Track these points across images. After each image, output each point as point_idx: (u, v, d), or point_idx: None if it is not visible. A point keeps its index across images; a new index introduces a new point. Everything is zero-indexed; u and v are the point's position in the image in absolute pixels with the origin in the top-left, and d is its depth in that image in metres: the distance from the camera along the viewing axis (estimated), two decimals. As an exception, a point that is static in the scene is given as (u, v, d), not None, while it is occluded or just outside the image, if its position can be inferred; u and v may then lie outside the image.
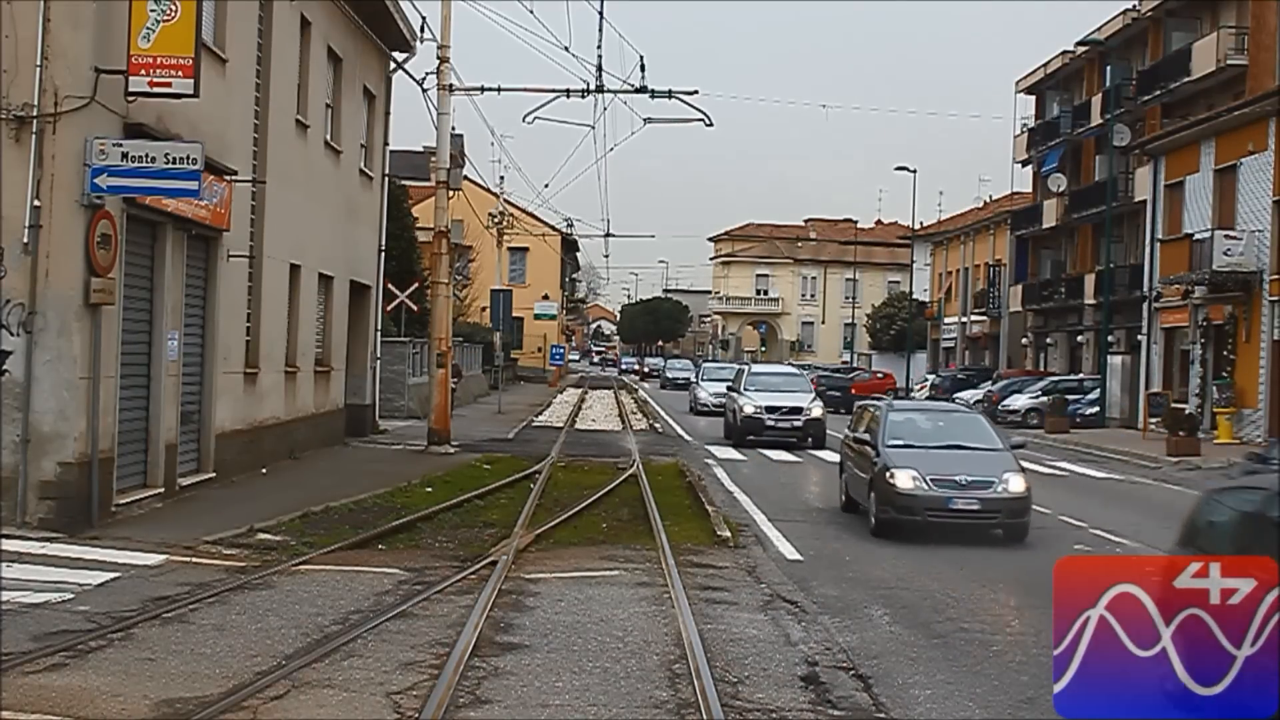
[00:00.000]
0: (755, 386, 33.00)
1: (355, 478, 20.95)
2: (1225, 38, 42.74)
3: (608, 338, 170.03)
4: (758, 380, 33.67)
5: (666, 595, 12.23)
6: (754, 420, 31.85)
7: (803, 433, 31.60)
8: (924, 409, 21.39)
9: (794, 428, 31.59)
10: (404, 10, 27.98)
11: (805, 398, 32.75)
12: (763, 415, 31.70)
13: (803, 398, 32.64)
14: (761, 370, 36.51)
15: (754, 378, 34.01)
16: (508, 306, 49.28)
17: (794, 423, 31.58)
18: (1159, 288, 42.63)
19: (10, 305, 13.89)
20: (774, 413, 31.66)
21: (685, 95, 29.28)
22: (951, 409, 22.39)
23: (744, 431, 31.94)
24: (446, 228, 29.16)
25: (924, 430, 18.16)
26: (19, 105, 13.91)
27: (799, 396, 32.62)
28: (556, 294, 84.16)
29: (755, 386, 33.00)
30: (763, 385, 33.08)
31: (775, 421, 31.55)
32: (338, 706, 8.33)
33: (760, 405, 31.83)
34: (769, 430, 31.50)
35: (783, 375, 35.47)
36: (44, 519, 14.02)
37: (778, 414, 31.61)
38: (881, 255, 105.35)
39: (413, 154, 50.22)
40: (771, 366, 41.91)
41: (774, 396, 32.17)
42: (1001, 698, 9.31)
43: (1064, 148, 56.84)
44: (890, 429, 17.88)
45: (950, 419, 19.20)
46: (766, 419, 31.67)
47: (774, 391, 32.54)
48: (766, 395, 32.24)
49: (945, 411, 20.96)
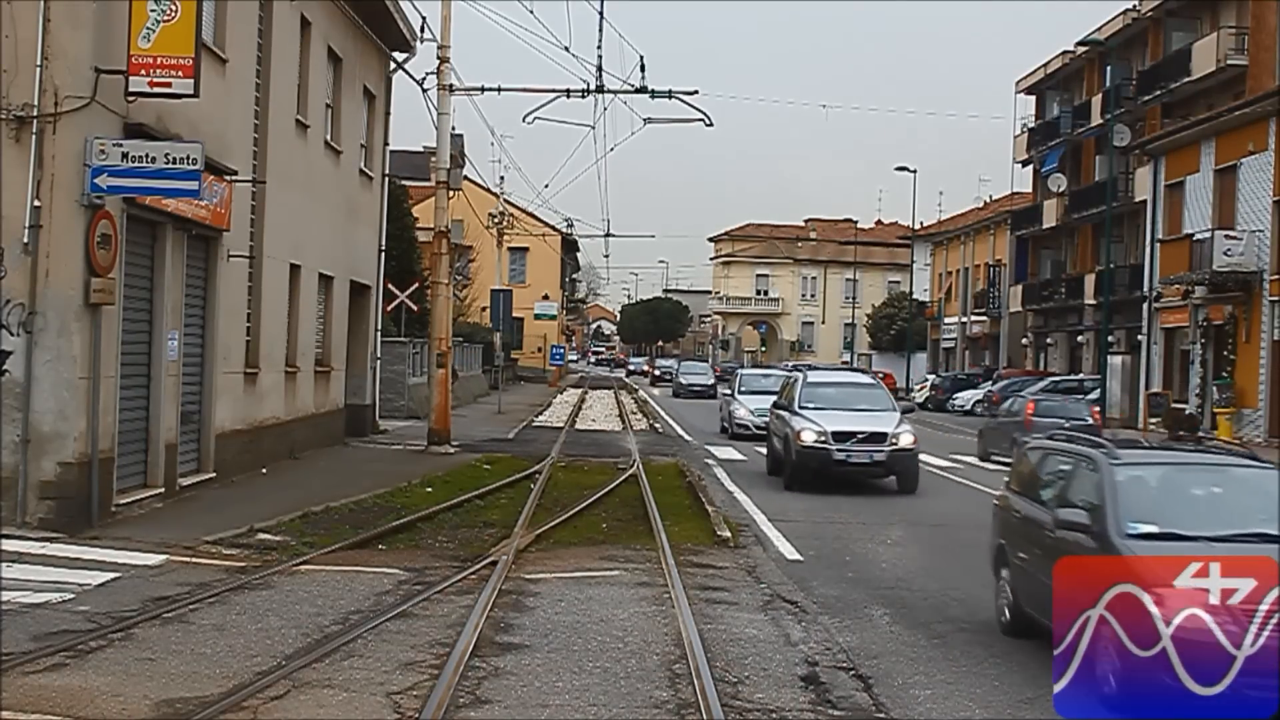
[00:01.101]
0: (815, 402, 23.68)
1: (355, 478, 20.95)
2: (1225, 38, 42.76)
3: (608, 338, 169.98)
4: (819, 393, 24.28)
5: (666, 595, 12.22)
6: (816, 452, 22.16)
7: (886, 469, 22.58)
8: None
9: (875, 463, 22.36)
10: (404, 10, 27.99)
11: (888, 418, 23.00)
12: (829, 445, 22.10)
13: (885, 418, 22.96)
14: (823, 379, 26.39)
15: (813, 389, 24.43)
16: (508, 306, 49.29)
17: (874, 456, 22.18)
18: (1159, 288, 42.64)
19: (10, 305, 13.89)
20: (845, 441, 22.15)
21: (685, 95, 29.31)
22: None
23: (802, 468, 22.36)
24: (446, 228, 29.16)
25: None
26: (19, 105, 13.91)
27: (880, 417, 23.04)
28: (556, 294, 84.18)
29: (815, 402, 23.68)
30: (826, 400, 23.87)
31: (847, 454, 22.09)
32: (338, 706, 8.33)
33: (825, 430, 22.23)
34: (838, 466, 22.16)
35: (854, 386, 25.71)
36: (44, 519, 14.02)
37: (851, 443, 22.16)
38: (881, 255, 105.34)
39: (413, 154, 50.25)
40: (837, 374, 31.96)
41: (844, 417, 22.84)
42: (1001, 698, 9.30)
43: (1064, 148, 56.85)
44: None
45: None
46: (835, 450, 22.08)
47: (843, 409, 23.33)
48: (833, 415, 22.86)
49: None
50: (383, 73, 29.68)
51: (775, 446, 24.88)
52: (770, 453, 25.53)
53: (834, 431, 22.25)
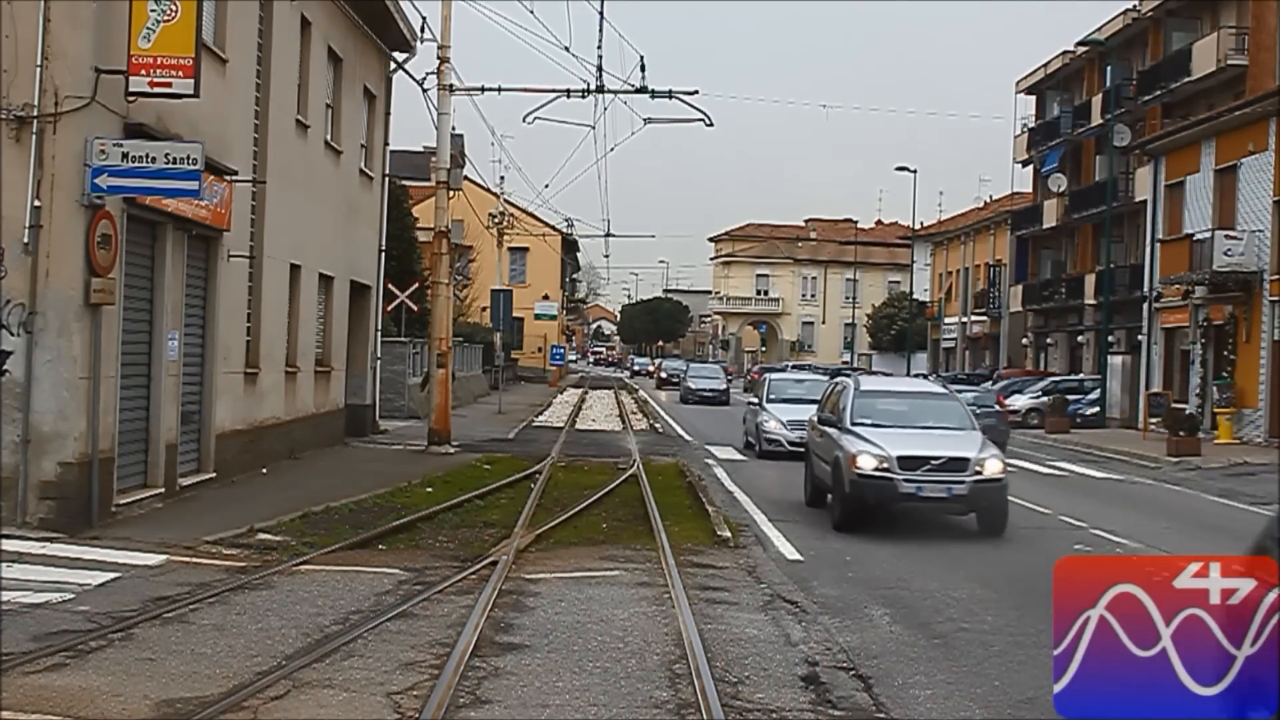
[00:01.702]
0: (872, 417, 18.27)
1: (355, 478, 20.95)
2: (1225, 38, 42.77)
3: (608, 338, 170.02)
4: (876, 405, 18.75)
5: (667, 595, 12.22)
6: (876, 483, 16.95)
7: (968, 505, 17.27)
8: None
9: (954, 498, 17.05)
10: (404, 10, 27.99)
11: (969, 440, 17.72)
12: (893, 474, 16.87)
13: (964, 440, 17.70)
14: (881, 386, 21.21)
15: (868, 401, 18.82)
16: (508, 306, 49.30)
17: (953, 489, 16.90)
18: (1159, 288, 42.63)
19: (10, 305, 13.89)
20: (915, 468, 16.92)
21: (685, 95, 29.34)
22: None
23: (857, 502, 17.21)
24: (446, 228, 29.17)
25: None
26: (19, 105, 13.91)
27: (957, 437, 17.80)
28: (556, 294, 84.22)
29: (872, 417, 18.27)
30: (886, 414, 18.49)
31: (917, 486, 16.89)
32: (338, 706, 8.33)
33: (888, 454, 16.98)
34: (906, 501, 17.09)
35: (920, 397, 19.90)
36: (44, 519, 14.02)
37: (923, 471, 16.91)
38: (881, 255, 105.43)
39: (413, 154, 50.30)
40: (899, 381, 26.98)
41: (911, 438, 17.65)
42: (1001, 698, 9.30)
43: (1064, 148, 56.87)
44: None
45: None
46: (901, 480, 16.86)
47: (908, 428, 18.11)
48: (897, 435, 17.65)
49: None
50: (383, 73, 29.68)
51: (817, 472, 19.49)
52: (810, 479, 20.04)
53: (900, 456, 16.91)
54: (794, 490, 17.41)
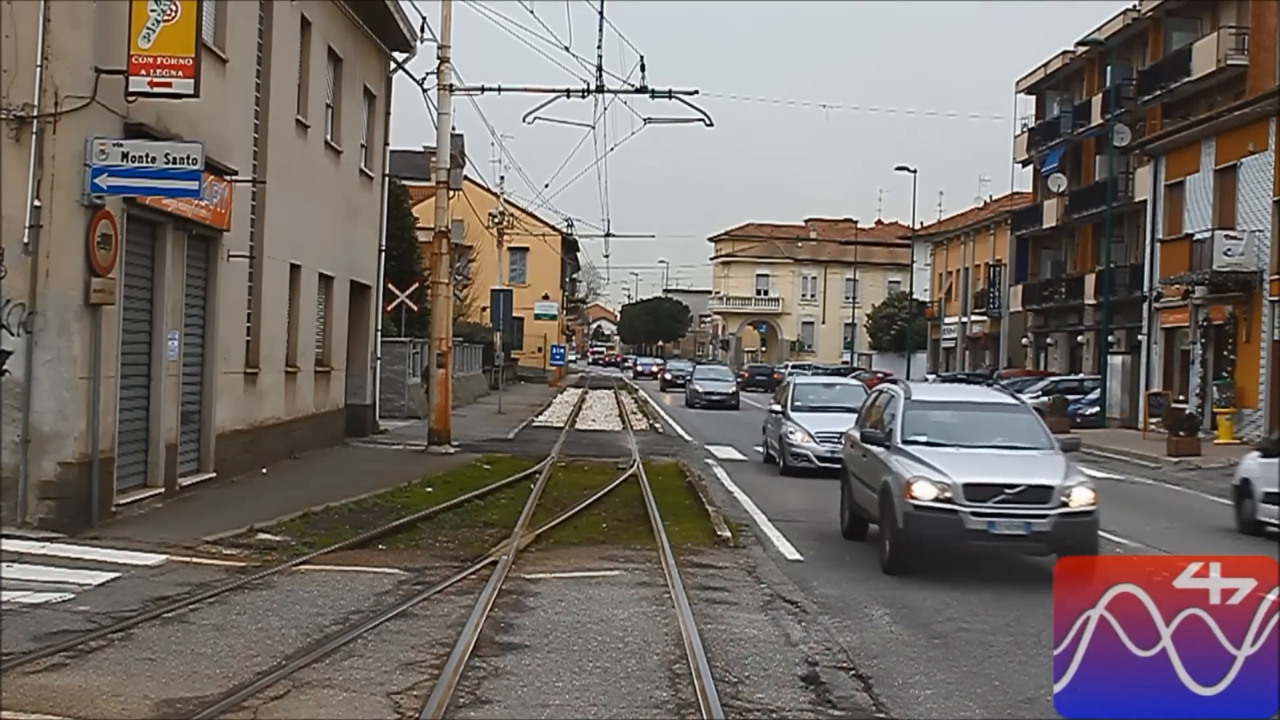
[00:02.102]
0: (928, 433, 15.00)
1: (355, 478, 20.95)
2: (1225, 38, 42.78)
3: (608, 338, 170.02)
4: (931, 419, 15.46)
5: (667, 595, 12.22)
6: (937, 517, 13.67)
7: (1052, 544, 13.70)
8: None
9: (1034, 535, 13.73)
10: (404, 10, 27.99)
11: (1050, 463, 14.52)
12: (958, 506, 13.62)
13: (1044, 463, 14.51)
14: (936, 396, 17.55)
15: (921, 412, 15.52)
16: (508, 306, 49.30)
17: (1033, 524, 13.63)
18: (1159, 288, 42.64)
19: (10, 305, 13.89)
20: (986, 498, 13.64)
21: (685, 95, 29.34)
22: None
23: (913, 539, 13.93)
24: (446, 228, 29.16)
25: None
26: (19, 105, 13.91)
27: (1035, 460, 14.60)
28: (556, 294, 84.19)
29: (928, 433, 15.00)
30: (944, 430, 15.16)
31: (989, 521, 13.62)
32: (338, 706, 8.33)
33: (952, 482, 13.70)
34: (975, 538, 13.83)
35: (987, 409, 16.32)
36: (44, 519, 14.02)
37: (995, 502, 13.64)
38: (881, 255, 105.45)
39: (413, 154, 50.31)
40: (956, 389, 21.21)
41: (980, 460, 14.38)
42: (1001, 698, 9.30)
43: (1064, 148, 56.87)
44: None
45: None
46: (968, 513, 13.58)
47: (974, 447, 14.80)
48: (961, 457, 14.37)
49: None
50: (383, 73, 29.68)
51: (857, 498, 16.23)
52: (848, 506, 16.87)
53: (967, 484, 13.65)
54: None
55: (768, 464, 26.92)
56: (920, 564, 14.10)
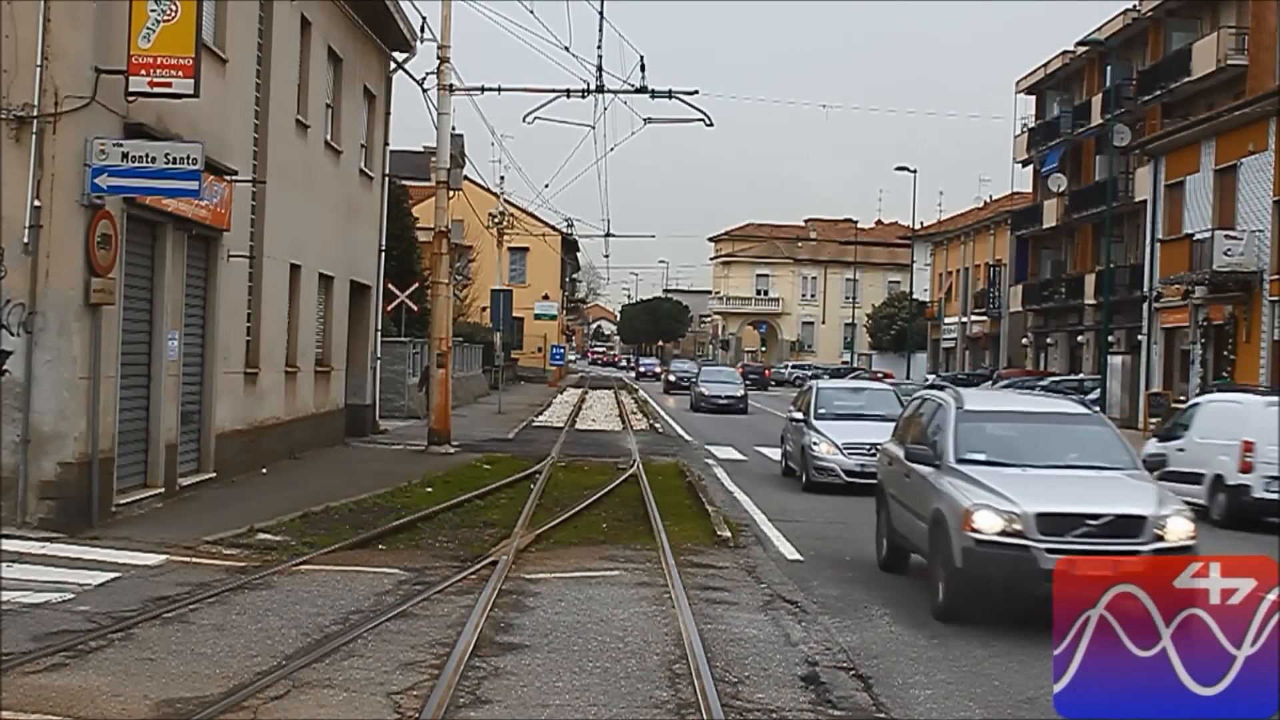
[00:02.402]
0: (987, 450, 12.63)
1: (355, 478, 20.95)
2: (1225, 38, 42.78)
3: (608, 338, 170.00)
4: (988, 433, 13.04)
5: (667, 595, 12.22)
6: (1008, 554, 11.22)
7: None
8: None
9: None
10: (404, 10, 27.99)
11: (1136, 489, 12.13)
12: (1031, 540, 11.18)
13: (1129, 489, 12.11)
14: (992, 406, 14.52)
15: (976, 425, 13.05)
16: (508, 306, 49.30)
17: None
18: (1159, 288, 42.65)
19: (10, 305, 13.89)
20: (1065, 532, 11.21)
21: (685, 95, 29.32)
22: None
23: (978, 581, 11.48)
24: (446, 228, 29.16)
25: None
26: (19, 105, 13.91)
27: (1119, 485, 12.23)
28: (556, 294, 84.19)
29: (987, 450, 12.63)
30: (1005, 447, 12.74)
31: None
32: (338, 706, 8.33)
33: (1023, 512, 11.31)
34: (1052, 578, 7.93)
35: (1054, 421, 13.57)
36: (44, 519, 14.02)
37: (1079, 535, 11.23)
38: (881, 255, 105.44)
39: (413, 154, 50.27)
40: (1016, 398, 17.93)
41: (1055, 485, 12.03)
42: (1001, 698, 9.30)
43: (1064, 148, 56.87)
44: None
45: None
46: (1043, 550, 11.09)
47: (1046, 468, 12.40)
48: (1031, 482, 11.96)
49: None
50: (383, 73, 29.68)
51: (897, 525, 13.85)
52: (887, 534, 14.34)
53: (1041, 514, 11.28)
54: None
55: (787, 477, 24.25)
56: (983, 610, 11.50)
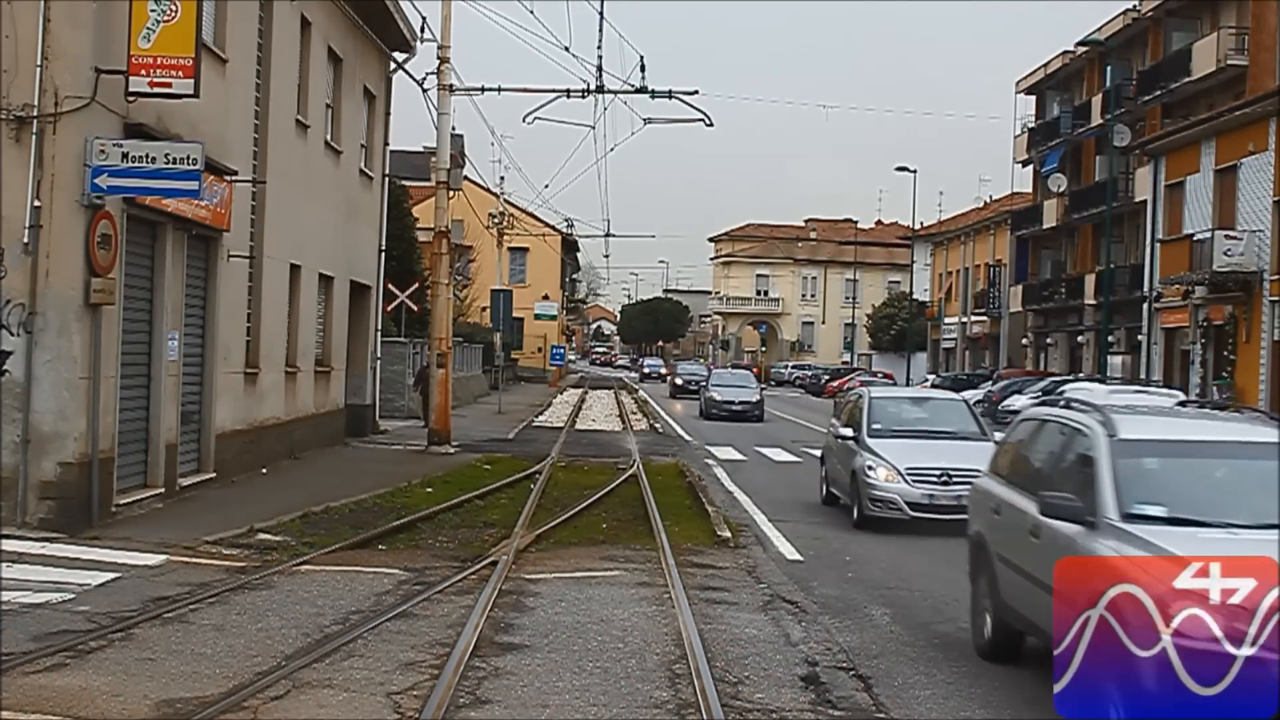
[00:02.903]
0: (1164, 502, 8.15)
1: (355, 478, 20.95)
2: (1225, 38, 42.76)
3: (608, 338, 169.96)
4: (1159, 474, 8.58)
5: (667, 595, 12.22)
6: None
7: None
8: None
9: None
10: (404, 10, 27.99)
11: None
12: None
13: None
14: (1154, 434, 9.02)
15: (1138, 461, 8.55)
16: (508, 306, 49.29)
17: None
18: (1159, 288, 42.64)
19: (10, 305, 13.89)
20: None
21: (685, 95, 29.32)
22: None
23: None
24: (446, 228, 29.16)
25: None
26: (19, 105, 13.90)
27: None
28: (556, 294, 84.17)
29: (1164, 502, 8.15)
30: (1189, 497, 8.25)
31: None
32: (338, 706, 8.33)
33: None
34: None
35: (1241, 452, 8.74)
36: (44, 519, 14.01)
37: None
38: (881, 255, 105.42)
39: (413, 154, 50.22)
40: (1180, 421, 9.93)
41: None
42: (1002, 697, 9.30)
43: (1064, 148, 56.85)
44: None
45: None
46: None
47: (1247, 527, 7.73)
48: (1236, 545, 7.22)
49: None
50: (383, 73, 29.68)
51: (1011, 599, 9.69)
52: (992, 605, 10.14)
53: None
54: (795, 491, 14.94)
55: (829, 507, 19.70)
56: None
